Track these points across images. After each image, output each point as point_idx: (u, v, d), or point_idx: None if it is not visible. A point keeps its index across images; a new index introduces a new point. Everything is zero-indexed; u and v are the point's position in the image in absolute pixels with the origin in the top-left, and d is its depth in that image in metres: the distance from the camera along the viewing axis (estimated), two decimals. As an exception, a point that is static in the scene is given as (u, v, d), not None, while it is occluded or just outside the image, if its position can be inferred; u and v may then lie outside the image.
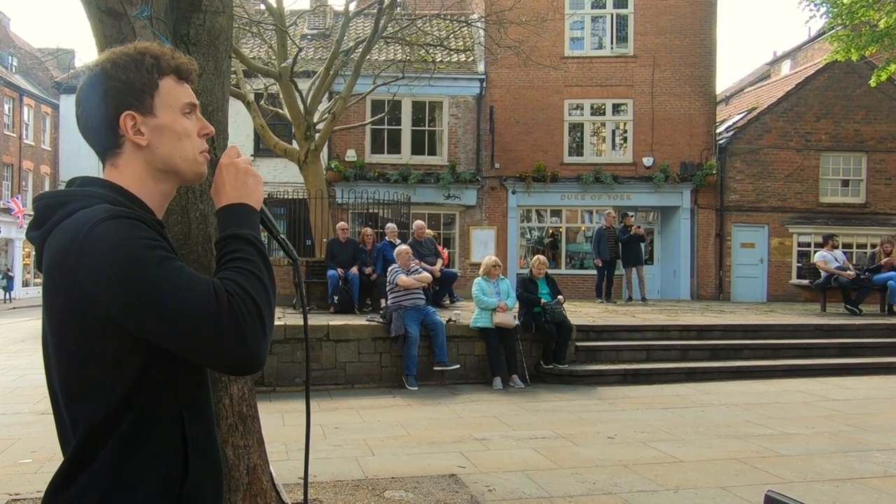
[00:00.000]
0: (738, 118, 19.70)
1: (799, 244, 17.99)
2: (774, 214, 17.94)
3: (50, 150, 31.57)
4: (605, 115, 18.51)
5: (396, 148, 18.43)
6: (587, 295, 15.91)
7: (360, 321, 8.95)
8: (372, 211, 14.52)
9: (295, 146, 14.09)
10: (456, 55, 17.91)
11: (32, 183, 31.17)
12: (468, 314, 9.15)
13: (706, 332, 9.89)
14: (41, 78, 33.13)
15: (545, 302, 8.66)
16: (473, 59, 18.52)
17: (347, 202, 15.72)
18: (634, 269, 14.12)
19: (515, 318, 8.66)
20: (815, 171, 17.94)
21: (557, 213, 18.79)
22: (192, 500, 1.17)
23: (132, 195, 1.21)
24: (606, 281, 14.10)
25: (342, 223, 11.85)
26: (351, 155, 17.84)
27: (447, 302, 11.54)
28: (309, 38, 19.63)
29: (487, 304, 8.46)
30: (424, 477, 4.69)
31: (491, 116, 17.97)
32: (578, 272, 18.22)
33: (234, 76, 12.59)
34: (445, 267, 11.89)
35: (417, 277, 8.72)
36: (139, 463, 1.12)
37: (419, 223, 11.72)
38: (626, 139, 18.47)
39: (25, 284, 31.61)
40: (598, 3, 18.34)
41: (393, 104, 16.70)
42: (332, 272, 10.57)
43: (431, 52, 16.18)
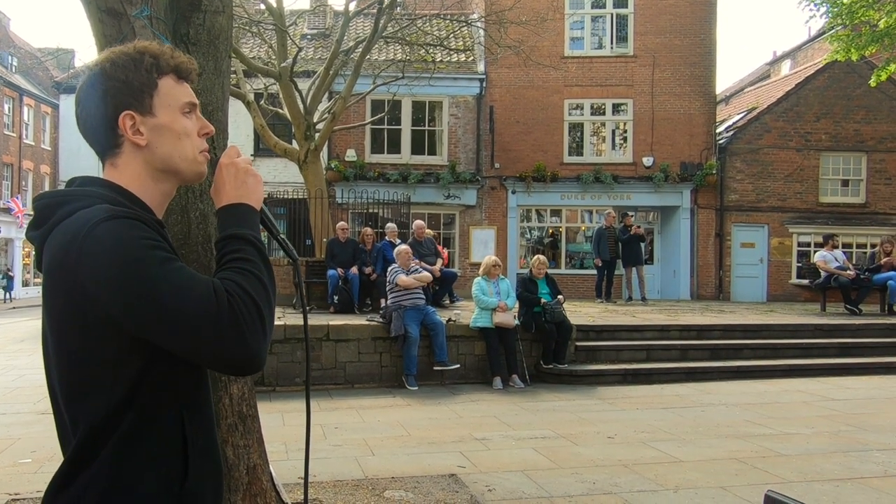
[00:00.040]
0: (738, 118, 19.69)
1: (799, 244, 17.99)
2: (774, 214, 17.94)
3: (50, 149, 31.57)
4: (604, 114, 18.50)
5: (396, 148, 18.43)
6: (587, 295, 15.91)
7: (360, 321, 8.95)
8: (372, 211, 14.52)
9: (295, 146, 14.08)
10: (456, 55, 17.91)
11: (32, 183, 31.18)
12: (468, 314, 9.15)
13: (706, 331, 9.89)
14: (41, 78, 33.12)
15: (545, 302, 8.66)
16: (473, 58, 18.51)
17: (347, 202, 15.72)
18: (634, 268, 14.12)
19: (515, 317, 8.66)
20: (815, 170, 17.94)
21: (557, 212, 18.78)
22: (192, 500, 1.17)
23: (132, 195, 1.21)
24: (606, 281, 14.10)
25: (342, 223, 11.86)
26: (351, 155, 17.84)
27: (447, 302, 11.54)
28: (309, 37, 19.62)
29: (487, 303, 8.46)
30: (424, 477, 4.69)
31: (491, 116, 17.97)
32: (578, 272, 18.22)
33: (234, 76, 12.58)
34: (445, 267, 11.89)
35: (417, 277, 8.71)
36: (139, 463, 1.12)
37: (419, 223, 11.72)
38: (625, 139, 18.47)
39: (25, 284, 31.61)
40: (598, 2, 18.33)
41: (393, 104, 16.69)
42: (331, 272, 10.57)
43: (431, 51, 16.17)
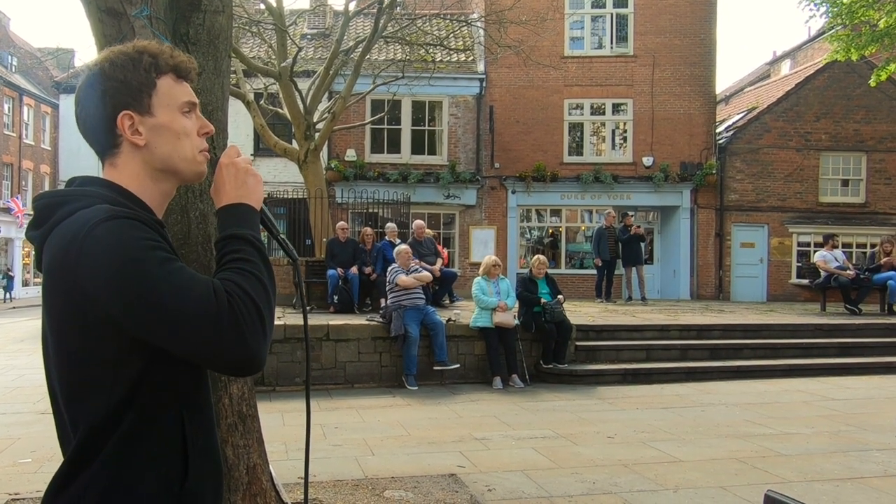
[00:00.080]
0: (737, 118, 19.69)
1: (799, 244, 18.00)
2: (774, 214, 17.94)
3: (50, 149, 31.58)
4: (604, 114, 18.50)
5: (396, 148, 18.42)
6: (587, 294, 15.91)
7: (359, 321, 8.95)
8: (372, 211, 14.52)
9: (295, 146, 14.07)
10: (456, 55, 17.90)
11: (32, 182, 31.18)
12: (468, 314, 9.14)
13: (706, 331, 9.89)
14: (41, 77, 33.12)
15: (545, 301, 8.66)
16: (473, 58, 18.51)
17: (347, 202, 15.71)
18: (634, 268, 14.12)
19: (515, 317, 8.66)
20: (814, 170, 17.94)
21: (557, 212, 18.78)
22: (192, 500, 1.17)
23: (132, 195, 1.21)
24: (606, 280, 14.10)
25: (342, 223, 11.86)
26: (351, 155, 17.84)
27: (447, 301, 11.54)
28: (309, 37, 19.61)
29: (487, 303, 8.45)
30: (424, 477, 4.69)
31: (491, 116, 17.97)
32: (578, 272, 18.22)
33: (233, 76, 12.57)
34: (445, 266, 11.89)
35: (417, 277, 8.71)
36: (139, 463, 1.11)
37: (419, 223, 11.72)
38: (625, 139, 18.47)
39: (25, 284, 31.61)
40: (597, 2, 18.33)
41: (393, 104, 16.68)
42: (331, 272, 10.57)
43: (431, 51, 16.16)
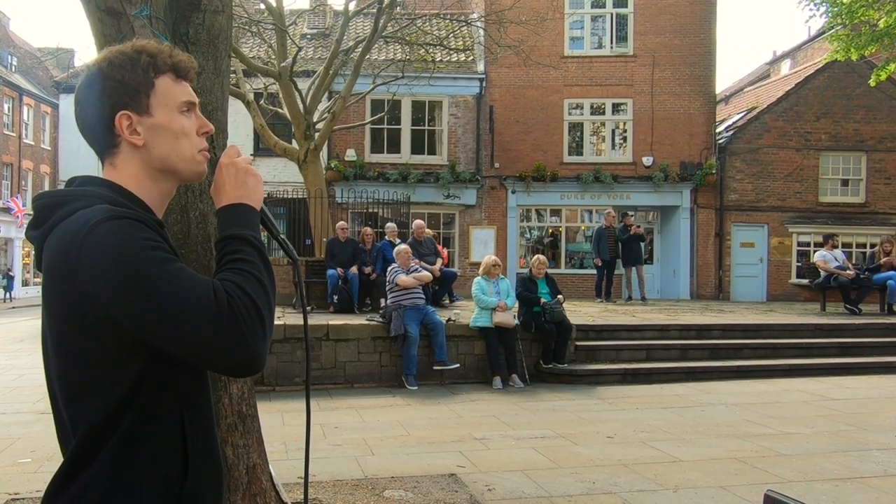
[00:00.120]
0: (737, 118, 19.69)
1: (799, 244, 18.00)
2: (774, 214, 17.94)
3: (49, 149, 31.57)
4: (604, 114, 18.50)
5: (396, 147, 18.42)
6: (587, 294, 15.91)
7: (359, 321, 8.95)
8: (372, 210, 14.52)
9: (294, 146, 14.07)
10: (455, 55, 17.90)
11: (32, 182, 31.17)
12: (468, 314, 9.14)
13: (706, 331, 9.89)
14: (41, 77, 33.11)
15: (545, 301, 8.66)
16: (473, 58, 18.51)
17: (347, 202, 15.72)
18: (634, 268, 14.12)
19: (515, 317, 8.66)
20: (814, 170, 17.94)
21: (557, 212, 18.78)
22: (192, 500, 1.17)
23: (132, 195, 1.21)
24: (606, 280, 14.10)
25: (342, 223, 11.86)
26: (350, 154, 17.84)
27: (447, 301, 11.54)
28: (309, 37, 19.61)
29: (487, 303, 8.45)
30: (424, 476, 4.69)
31: (491, 116, 17.97)
32: (578, 272, 18.22)
33: (233, 76, 12.57)
34: (445, 266, 11.89)
35: (417, 277, 8.71)
36: (139, 463, 1.11)
37: (419, 223, 11.72)
38: (625, 139, 18.47)
39: (25, 284, 31.61)
40: (597, 2, 18.33)
41: (393, 104, 16.67)
42: (331, 272, 10.57)
43: (431, 51, 16.15)
